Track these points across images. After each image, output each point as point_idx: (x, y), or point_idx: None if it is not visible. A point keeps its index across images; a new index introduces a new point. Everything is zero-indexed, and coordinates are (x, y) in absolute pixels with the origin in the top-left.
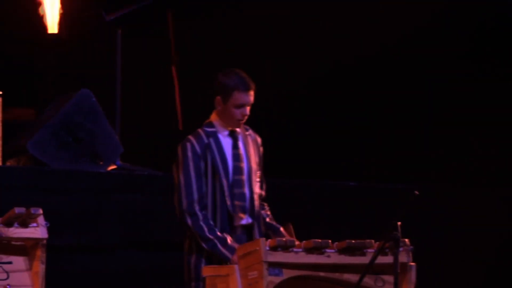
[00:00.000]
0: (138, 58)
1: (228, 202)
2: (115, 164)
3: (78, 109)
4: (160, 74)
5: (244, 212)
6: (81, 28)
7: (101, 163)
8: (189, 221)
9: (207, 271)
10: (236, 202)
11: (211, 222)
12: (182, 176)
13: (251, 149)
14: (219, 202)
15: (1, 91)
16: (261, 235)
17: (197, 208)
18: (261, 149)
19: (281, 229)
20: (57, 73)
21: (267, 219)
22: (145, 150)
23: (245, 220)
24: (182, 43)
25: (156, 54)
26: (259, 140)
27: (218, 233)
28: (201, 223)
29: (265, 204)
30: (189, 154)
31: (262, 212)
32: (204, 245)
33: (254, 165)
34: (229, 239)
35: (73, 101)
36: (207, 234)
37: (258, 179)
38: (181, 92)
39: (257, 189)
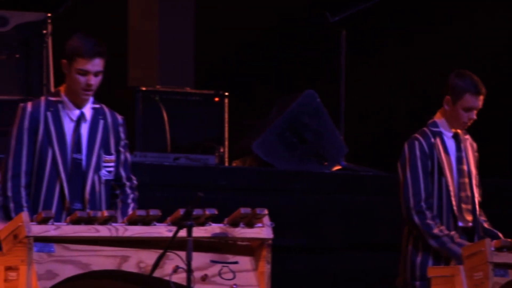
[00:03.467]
0: (362, 59)
1: (454, 203)
2: (339, 164)
3: (303, 110)
4: (384, 74)
5: (469, 214)
6: (305, 29)
7: (326, 163)
8: (416, 219)
9: (432, 271)
10: (463, 205)
11: (438, 221)
12: (409, 174)
13: (470, 153)
14: (444, 202)
15: (227, 92)
16: (480, 239)
17: (424, 206)
18: (477, 154)
19: (500, 234)
20: (281, 74)
21: (485, 224)
22: (370, 150)
23: (470, 223)
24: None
25: (380, 55)
26: (475, 145)
27: (446, 231)
28: (429, 221)
29: (481, 209)
30: (417, 152)
31: (480, 217)
32: (432, 242)
33: (473, 169)
34: (456, 236)
35: (298, 102)
36: (436, 232)
37: (477, 184)
38: (406, 92)
39: (477, 193)
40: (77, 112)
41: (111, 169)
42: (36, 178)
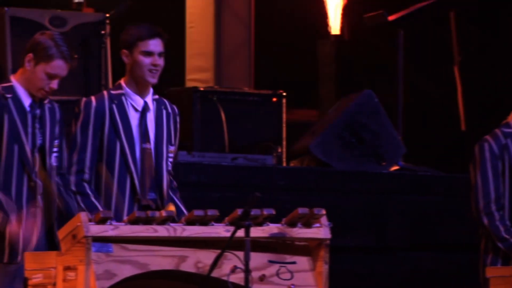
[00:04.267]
0: (420, 58)
1: None
2: (397, 164)
3: (361, 110)
4: (442, 74)
5: None
6: (363, 29)
7: (384, 163)
8: (485, 221)
9: (490, 271)
10: None
11: (508, 223)
12: (479, 176)
13: None
14: None
15: (285, 92)
16: None
17: (493, 208)
18: None
19: None
20: (339, 74)
21: None
22: (428, 150)
23: None
24: (464, 42)
25: (438, 54)
26: None
27: None
28: (497, 223)
29: None
30: (487, 154)
31: None
32: (500, 244)
33: None
34: None
35: (356, 102)
36: (504, 234)
37: None
38: (463, 92)
39: None
40: (141, 102)
41: (172, 159)
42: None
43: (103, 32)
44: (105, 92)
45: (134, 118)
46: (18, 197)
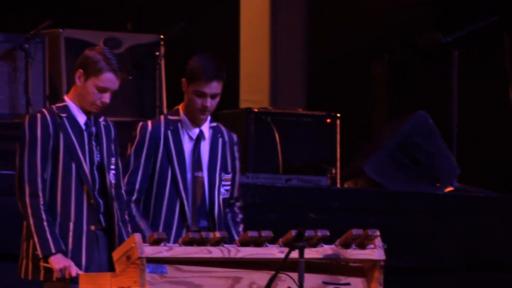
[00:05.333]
0: (474, 78)
1: None
2: (452, 185)
3: (415, 131)
4: (496, 94)
5: None
6: (417, 50)
7: (438, 185)
8: None
9: None
10: None
11: None
12: None
13: None
14: None
15: (339, 113)
16: None
17: None
18: None
19: None
20: (393, 94)
21: None
22: (482, 171)
23: None
24: None
25: (492, 76)
26: None
27: None
28: None
29: None
30: None
31: None
32: None
33: None
34: None
35: (410, 123)
36: None
37: None
38: None
39: None
40: (196, 130)
41: (228, 187)
42: (155, 197)
43: (157, 53)
44: (162, 117)
45: (188, 146)
46: (78, 216)
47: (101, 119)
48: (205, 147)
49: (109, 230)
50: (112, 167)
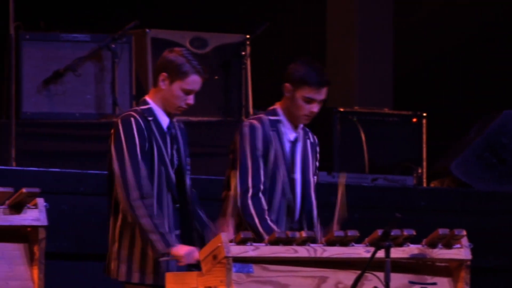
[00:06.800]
0: None
1: None
2: None
3: (502, 130)
4: None
5: None
6: (506, 49)
7: None
8: None
9: None
10: None
11: None
12: None
13: None
14: None
15: (425, 113)
16: None
17: None
18: None
19: None
20: (479, 94)
21: None
22: None
23: None
24: None
25: None
26: None
27: None
28: None
29: None
30: None
31: None
32: None
33: None
34: None
35: (497, 122)
36: None
37: None
38: None
39: None
40: (293, 133)
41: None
42: (268, 197)
43: (243, 53)
44: (265, 118)
45: (287, 148)
46: (169, 221)
47: (175, 120)
48: (299, 149)
49: (185, 233)
50: (188, 167)
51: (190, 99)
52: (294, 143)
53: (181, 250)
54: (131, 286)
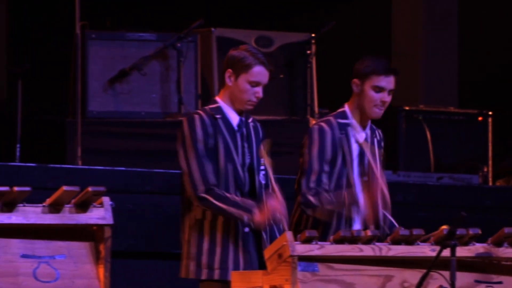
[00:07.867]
0: None
1: None
2: None
3: None
4: None
5: None
6: None
7: None
8: None
9: None
10: None
11: None
12: None
13: None
14: None
15: (490, 111)
16: None
17: None
18: None
19: None
20: None
21: None
22: None
23: None
24: None
25: None
26: None
27: None
28: None
29: None
30: None
31: None
32: None
33: None
34: None
35: None
36: None
37: None
38: None
39: None
40: (363, 134)
41: None
42: None
43: (309, 52)
44: (334, 121)
45: (355, 150)
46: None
47: (250, 120)
48: (367, 150)
49: (257, 231)
50: (262, 167)
51: (259, 92)
52: (361, 145)
53: (262, 215)
54: (205, 284)
